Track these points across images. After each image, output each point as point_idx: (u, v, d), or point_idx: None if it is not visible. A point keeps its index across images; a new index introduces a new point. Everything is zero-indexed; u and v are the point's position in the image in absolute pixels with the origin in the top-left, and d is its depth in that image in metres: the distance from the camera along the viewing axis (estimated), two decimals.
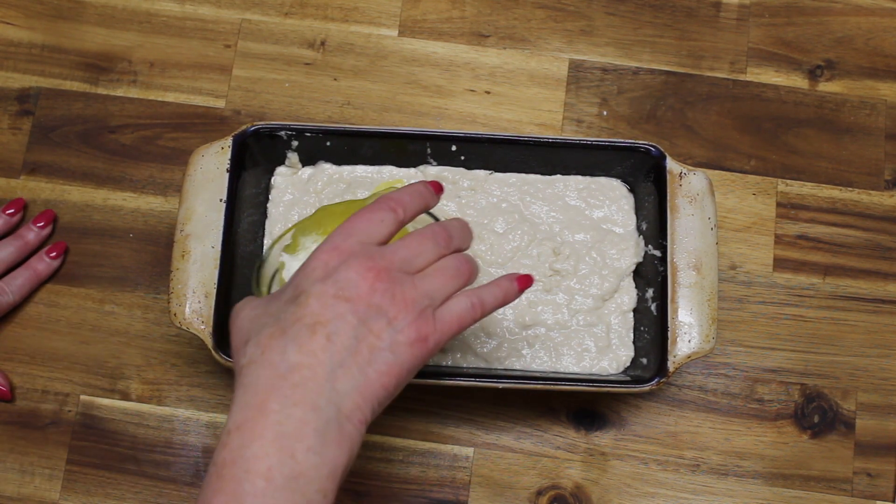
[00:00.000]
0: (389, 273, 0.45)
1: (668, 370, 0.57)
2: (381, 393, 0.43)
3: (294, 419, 0.40)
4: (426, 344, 0.44)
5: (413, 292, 0.45)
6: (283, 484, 0.39)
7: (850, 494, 0.64)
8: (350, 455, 0.42)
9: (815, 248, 0.69)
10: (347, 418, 0.42)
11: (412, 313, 0.44)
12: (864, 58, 0.73)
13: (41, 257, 0.67)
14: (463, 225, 0.50)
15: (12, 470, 0.64)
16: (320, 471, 0.40)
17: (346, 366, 0.42)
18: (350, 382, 0.42)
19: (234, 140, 0.61)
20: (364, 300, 0.43)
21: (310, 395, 0.41)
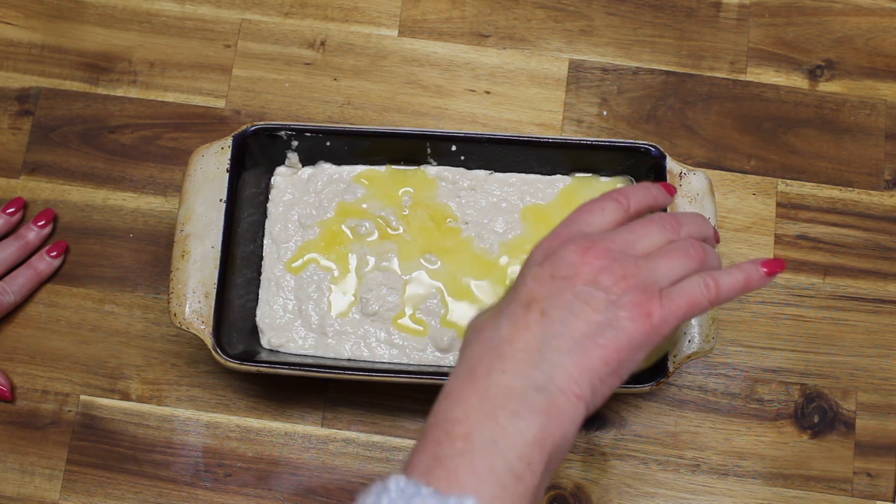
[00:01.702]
0: (609, 252, 0.43)
1: (668, 370, 0.57)
2: (599, 367, 0.40)
3: (500, 385, 0.39)
4: (650, 320, 0.41)
5: (635, 269, 0.43)
6: (482, 447, 0.37)
7: (850, 494, 0.64)
8: (562, 428, 0.39)
9: (815, 248, 0.69)
10: (560, 390, 0.40)
11: (634, 289, 0.42)
12: (864, 58, 0.73)
13: (42, 257, 0.67)
14: (697, 216, 0.48)
15: (12, 470, 0.64)
16: (524, 436, 0.38)
17: (560, 337, 0.41)
18: (565, 355, 0.40)
19: (234, 140, 0.61)
20: (582, 277, 0.42)
21: (519, 365, 0.40)
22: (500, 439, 0.38)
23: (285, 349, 0.61)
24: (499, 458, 0.37)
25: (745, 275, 0.45)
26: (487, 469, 0.37)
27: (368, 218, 0.64)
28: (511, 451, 0.38)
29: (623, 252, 0.44)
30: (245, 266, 0.62)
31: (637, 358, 0.42)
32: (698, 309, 0.43)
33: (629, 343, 0.41)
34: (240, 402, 0.65)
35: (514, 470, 0.37)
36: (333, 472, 0.64)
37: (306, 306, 0.62)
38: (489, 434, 0.38)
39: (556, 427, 0.39)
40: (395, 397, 0.65)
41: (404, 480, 0.36)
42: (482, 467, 0.37)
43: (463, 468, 0.37)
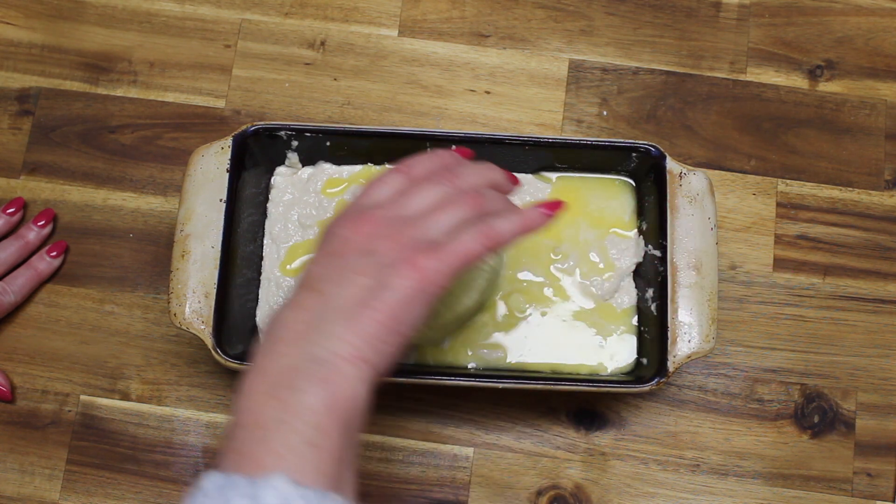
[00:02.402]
0: (381, 218, 0.45)
1: (668, 370, 0.57)
2: (375, 328, 0.41)
3: (282, 367, 0.41)
4: (424, 274, 0.42)
5: (408, 230, 0.44)
6: (274, 427, 0.39)
7: (850, 494, 0.64)
8: (349, 391, 0.40)
9: (815, 248, 0.69)
10: (340, 357, 0.41)
11: (405, 247, 0.43)
12: (864, 58, 0.73)
13: (42, 257, 0.67)
14: (480, 164, 0.48)
15: (12, 470, 0.64)
16: (309, 407, 0.39)
17: (335, 309, 0.42)
18: (339, 325, 0.41)
19: (234, 140, 0.61)
20: (353, 248, 0.44)
21: (297, 344, 0.41)
22: (286, 416, 0.39)
23: None
24: (291, 433, 0.38)
25: (521, 217, 0.46)
26: (283, 446, 0.38)
27: None
28: (300, 423, 0.39)
29: (396, 215, 0.45)
30: (245, 266, 0.62)
31: (417, 312, 0.42)
32: (474, 256, 0.44)
33: (402, 299, 0.42)
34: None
35: (308, 439, 0.38)
36: None
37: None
38: (276, 414, 0.39)
39: (341, 391, 0.40)
40: (396, 397, 0.65)
41: (216, 475, 0.38)
42: (278, 446, 0.38)
43: (262, 452, 0.38)
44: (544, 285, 0.63)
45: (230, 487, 0.37)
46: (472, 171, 0.48)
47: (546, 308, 0.62)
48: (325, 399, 0.40)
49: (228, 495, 0.36)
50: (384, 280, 0.42)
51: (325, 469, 0.38)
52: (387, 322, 0.42)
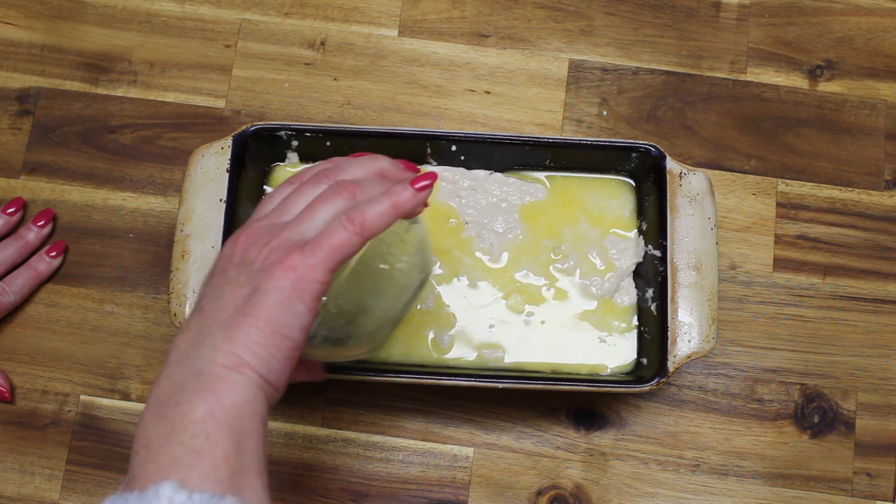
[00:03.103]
0: (258, 228, 0.45)
1: (668, 370, 0.57)
2: (252, 333, 0.41)
3: (167, 387, 0.41)
4: (293, 272, 0.42)
5: (282, 233, 0.44)
6: (159, 444, 0.39)
7: (850, 494, 0.64)
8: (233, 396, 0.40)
9: (815, 248, 0.69)
10: (219, 365, 0.40)
11: (277, 250, 0.43)
12: (864, 58, 0.73)
13: (42, 257, 0.67)
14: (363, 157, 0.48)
15: (12, 470, 0.64)
16: (190, 417, 0.39)
17: (214, 323, 0.42)
18: (217, 336, 0.41)
19: (234, 140, 0.61)
20: (233, 262, 0.44)
21: (181, 364, 0.41)
22: (170, 430, 0.39)
23: None
24: (175, 445, 0.38)
25: (391, 198, 0.44)
26: (168, 459, 0.38)
27: None
28: (185, 435, 0.39)
29: (273, 222, 0.45)
30: None
31: (297, 311, 0.42)
32: (347, 246, 0.43)
33: (277, 300, 0.41)
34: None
35: (193, 448, 0.38)
36: (333, 472, 0.64)
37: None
38: (162, 431, 0.39)
39: (224, 398, 0.40)
40: (395, 397, 0.65)
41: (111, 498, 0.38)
42: (163, 460, 0.38)
43: (151, 469, 0.38)
44: (544, 285, 0.63)
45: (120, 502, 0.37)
46: (355, 164, 0.48)
47: (546, 308, 0.62)
48: (208, 407, 0.39)
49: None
50: (257, 285, 0.42)
51: (215, 475, 0.38)
52: (264, 326, 0.41)
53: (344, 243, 0.43)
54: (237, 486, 0.38)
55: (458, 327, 0.62)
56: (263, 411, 0.41)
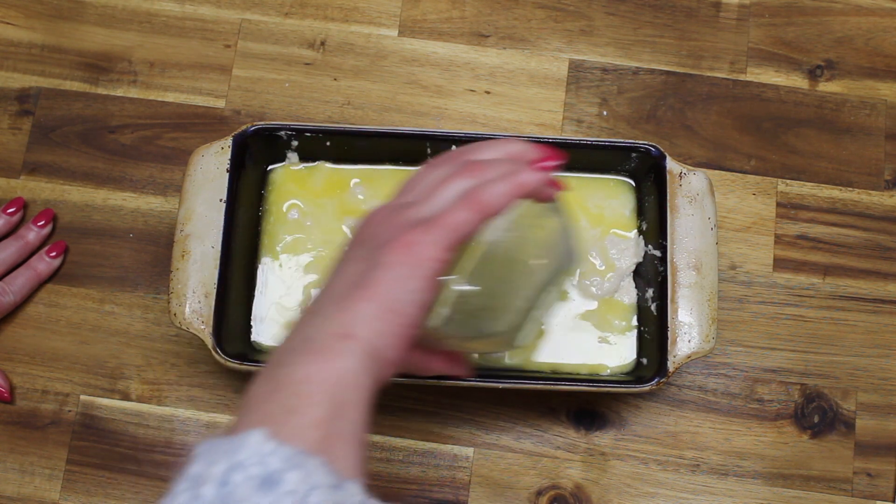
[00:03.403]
0: (386, 210, 0.45)
1: (668, 370, 0.57)
2: (364, 306, 0.41)
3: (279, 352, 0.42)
4: (412, 249, 0.42)
5: (407, 213, 0.44)
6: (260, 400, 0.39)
7: (850, 494, 0.64)
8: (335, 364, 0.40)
9: (815, 248, 0.69)
10: (328, 335, 0.41)
11: (398, 229, 0.43)
12: (864, 58, 0.73)
13: (41, 257, 0.67)
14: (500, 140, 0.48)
15: (12, 470, 0.64)
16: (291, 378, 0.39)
17: (330, 295, 0.43)
18: (331, 307, 0.42)
19: (234, 140, 0.61)
20: (358, 241, 0.45)
21: (295, 332, 0.42)
22: (272, 389, 0.39)
23: None
24: (273, 402, 0.39)
25: (512, 179, 0.44)
26: (264, 413, 0.38)
27: None
28: (282, 392, 0.39)
29: (399, 203, 0.45)
30: (245, 266, 0.62)
31: (413, 288, 0.42)
32: (465, 225, 0.43)
33: (392, 276, 0.41)
34: (240, 402, 0.65)
35: (288, 407, 0.38)
36: None
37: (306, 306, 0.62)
38: (264, 389, 0.40)
39: (326, 364, 0.40)
40: (396, 397, 0.65)
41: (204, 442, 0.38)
42: (259, 415, 0.38)
43: (244, 421, 0.39)
44: None
45: (214, 447, 0.37)
46: (487, 147, 0.48)
47: None
48: (310, 371, 0.39)
49: (212, 455, 0.36)
50: (375, 261, 0.42)
51: (305, 435, 0.37)
52: (378, 300, 0.41)
53: (462, 222, 0.43)
54: (326, 450, 0.38)
55: None
56: (368, 385, 0.41)
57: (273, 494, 0.34)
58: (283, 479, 0.35)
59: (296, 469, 0.35)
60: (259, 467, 0.35)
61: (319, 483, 0.35)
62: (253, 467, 0.35)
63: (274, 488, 0.35)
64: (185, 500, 0.35)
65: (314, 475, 0.35)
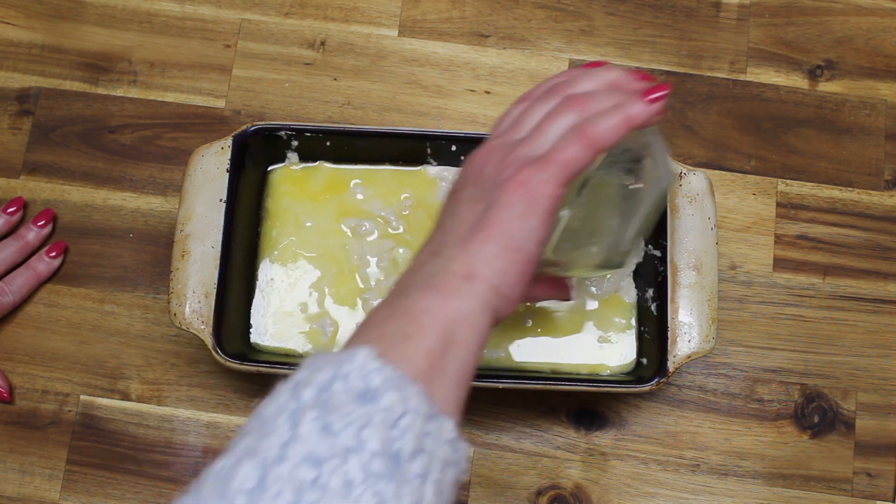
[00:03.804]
0: (494, 147, 0.45)
1: (668, 370, 0.57)
2: (485, 246, 0.42)
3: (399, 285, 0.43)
4: (527, 187, 0.42)
5: (516, 150, 0.44)
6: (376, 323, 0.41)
7: (850, 494, 0.64)
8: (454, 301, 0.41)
9: (815, 248, 0.69)
10: (450, 273, 0.42)
11: (511, 166, 0.43)
12: (864, 58, 0.73)
13: (41, 257, 0.67)
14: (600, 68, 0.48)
15: (12, 470, 0.64)
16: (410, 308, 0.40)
17: (451, 235, 0.43)
18: (453, 248, 0.43)
19: (234, 140, 0.61)
20: (470, 181, 0.45)
21: (416, 269, 0.43)
22: (389, 314, 0.41)
23: (285, 349, 0.61)
24: (388, 325, 0.40)
25: (623, 111, 0.44)
26: (378, 334, 0.40)
27: (368, 218, 0.64)
28: (399, 319, 0.40)
29: (507, 141, 0.45)
30: (245, 266, 0.62)
31: (531, 225, 0.42)
32: (578, 160, 0.43)
33: (510, 215, 0.42)
34: (240, 402, 0.65)
35: (402, 331, 0.40)
36: None
37: (306, 306, 0.62)
38: (382, 314, 0.41)
39: (445, 300, 0.41)
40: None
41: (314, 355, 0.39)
42: (374, 335, 0.40)
43: (357, 340, 0.40)
44: None
45: (321, 358, 0.38)
46: (585, 76, 0.47)
47: (546, 308, 0.62)
48: (429, 303, 0.40)
49: (318, 364, 0.37)
50: (492, 201, 0.43)
51: (412, 361, 0.38)
52: (498, 239, 0.42)
53: (575, 157, 0.43)
54: (431, 380, 0.39)
55: None
56: (484, 325, 0.42)
57: (367, 407, 0.36)
58: (381, 397, 0.36)
59: (394, 390, 0.36)
60: (360, 381, 0.36)
61: (414, 409, 0.36)
62: (355, 380, 0.36)
63: (370, 402, 0.36)
64: (285, 399, 0.36)
65: (411, 400, 0.36)
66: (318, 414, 0.35)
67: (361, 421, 0.35)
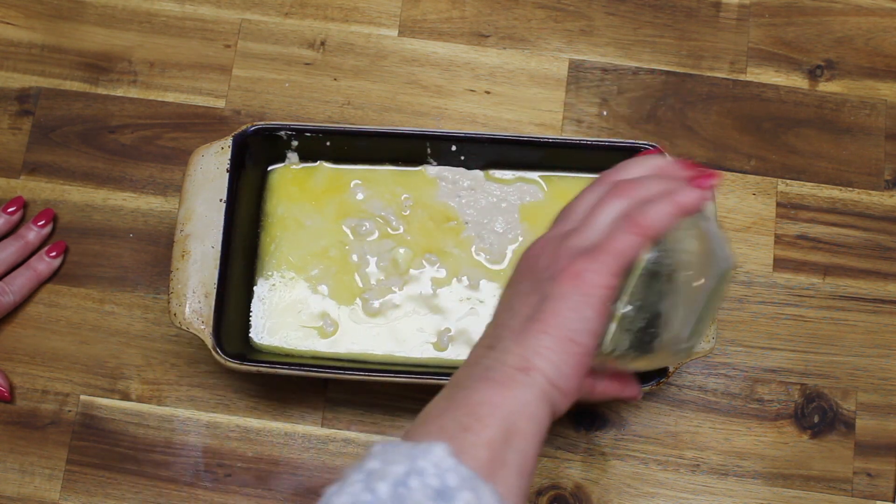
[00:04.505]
0: (548, 240, 0.46)
1: (668, 370, 0.57)
2: (542, 338, 0.42)
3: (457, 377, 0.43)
4: (581, 279, 0.42)
5: (568, 240, 0.44)
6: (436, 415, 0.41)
7: (850, 494, 0.64)
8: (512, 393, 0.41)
9: (815, 248, 0.69)
10: (508, 365, 0.42)
11: (563, 258, 0.43)
12: (864, 58, 0.73)
13: (41, 257, 0.67)
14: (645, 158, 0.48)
15: (12, 470, 0.64)
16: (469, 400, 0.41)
17: (506, 328, 0.43)
18: (509, 340, 0.43)
19: (234, 140, 0.61)
20: (525, 274, 0.45)
21: (471, 366, 0.43)
22: (447, 406, 0.41)
23: (285, 349, 0.61)
24: (448, 417, 0.41)
25: (673, 197, 0.44)
26: (438, 427, 0.40)
27: (368, 218, 0.64)
28: (458, 410, 0.41)
29: (559, 232, 0.46)
30: (245, 266, 0.62)
31: (586, 317, 0.42)
32: (630, 249, 0.43)
33: (565, 307, 0.42)
34: (240, 402, 0.65)
35: (462, 423, 0.40)
36: (333, 472, 0.64)
37: (307, 306, 0.62)
38: (441, 406, 0.42)
39: (504, 392, 0.41)
40: (395, 397, 0.65)
41: (384, 442, 0.40)
42: (434, 427, 0.40)
43: (420, 432, 0.41)
44: None
45: (393, 449, 0.38)
46: (633, 164, 0.48)
47: None
48: (488, 395, 0.41)
49: (391, 456, 0.38)
50: (546, 293, 0.43)
51: (475, 453, 0.39)
52: (554, 332, 0.42)
53: (627, 246, 0.43)
54: (493, 473, 0.39)
55: (459, 327, 0.62)
56: (543, 417, 0.42)
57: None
58: (457, 497, 0.36)
59: (470, 490, 0.36)
60: (437, 479, 0.37)
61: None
62: (431, 477, 0.37)
63: (446, 502, 0.36)
64: (358, 489, 0.37)
65: (485, 500, 0.37)
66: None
67: None
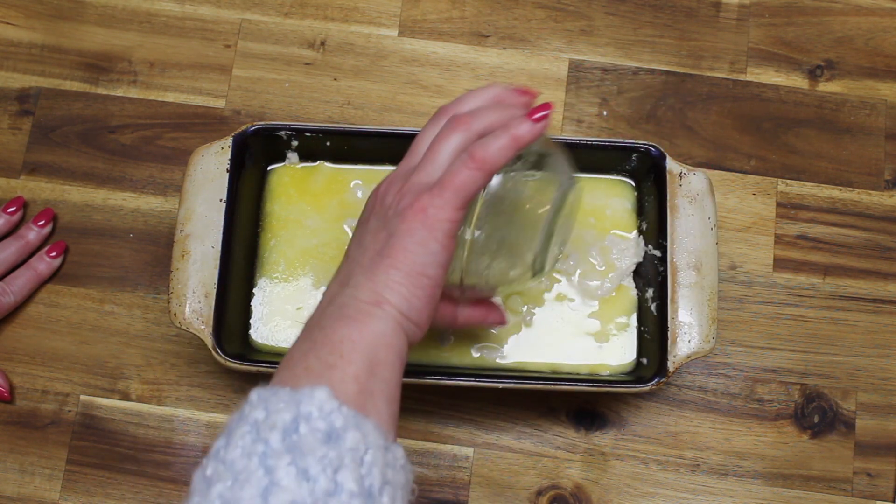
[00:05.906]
0: (393, 177, 0.48)
1: (668, 370, 0.57)
2: (390, 273, 0.44)
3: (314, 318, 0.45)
4: (426, 215, 0.44)
5: (412, 178, 0.46)
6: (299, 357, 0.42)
7: (850, 494, 0.64)
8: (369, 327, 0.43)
9: (815, 248, 0.69)
10: (361, 301, 0.44)
11: (408, 196, 0.45)
12: (864, 58, 0.73)
13: (42, 257, 0.67)
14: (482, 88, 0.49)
15: (12, 470, 0.64)
16: (329, 338, 0.42)
17: (358, 265, 0.46)
18: (361, 276, 0.45)
19: (234, 140, 0.61)
20: (373, 212, 0.47)
21: (328, 302, 0.45)
22: (310, 348, 0.43)
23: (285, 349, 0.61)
24: (312, 358, 0.42)
25: (509, 132, 0.45)
26: (304, 368, 0.42)
27: None
28: (321, 350, 0.42)
29: (404, 169, 0.48)
30: (245, 265, 0.62)
31: (431, 250, 0.44)
32: (471, 183, 0.45)
33: (412, 241, 0.44)
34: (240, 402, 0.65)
35: (326, 362, 0.42)
36: None
37: (307, 306, 0.62)
38: (303, 348, 0.43)
39: (361, 327, 0.43)
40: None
41: (261, 388, 0.41)
42: (300, 369, 0.42)
43: (286, 376, 0.42)
44: (544, 286, 0.63)
45: (273, 396, 0.39)
46: (470, 96, 0.49)
47: (546, 308, 0.62)
48: (347, 332, 0.42)
49: (273, 404, 0.39)
50: (393, 229, 0.45)
51: (343, 388, 0.40)
52: (402, 266, 0.44)
53: (468, 181, 0.45)
54: (364, 404, 0.41)
55: None
56: (401, 346, 0.44)
57: (337, 449, 0.37)
58: (345, 436, 0.38)
59: (355, 429, 0.38)
60: (323, 422, 0.38)
61: (373, 444, 0.39)
62: (317, 421, 0.38)
63: (337, 443, 0.38)
64: (249, 441, 0.38)
65: (369, 436, 0.39)
66: (291, 459, 0.37)
67: (335, 464, 0.37)
